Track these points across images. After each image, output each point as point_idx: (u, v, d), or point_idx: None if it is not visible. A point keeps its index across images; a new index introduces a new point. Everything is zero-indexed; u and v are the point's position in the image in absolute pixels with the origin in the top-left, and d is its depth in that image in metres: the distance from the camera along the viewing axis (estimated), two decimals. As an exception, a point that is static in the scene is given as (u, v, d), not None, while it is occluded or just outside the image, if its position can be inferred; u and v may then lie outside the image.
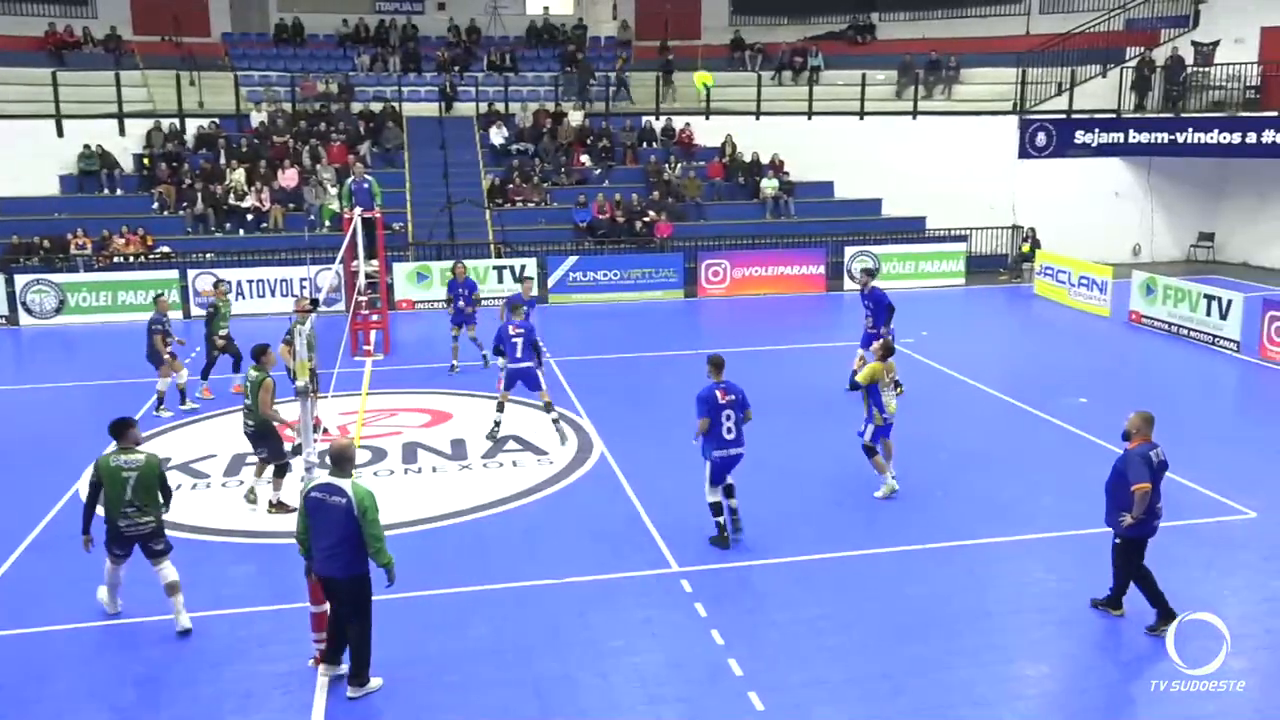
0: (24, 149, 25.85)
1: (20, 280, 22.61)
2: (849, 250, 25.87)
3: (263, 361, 11.80)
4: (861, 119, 29.37)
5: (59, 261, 23.67)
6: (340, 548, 7.82)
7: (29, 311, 22.53)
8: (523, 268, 23.75)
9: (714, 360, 10.75)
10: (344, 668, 8.17)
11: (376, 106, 29.24)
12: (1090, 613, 9.26)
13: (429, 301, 23.92)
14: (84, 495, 9.24)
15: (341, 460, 7.99)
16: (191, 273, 23.37)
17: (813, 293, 25.32)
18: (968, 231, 27.16)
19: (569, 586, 9.90)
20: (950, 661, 8.53)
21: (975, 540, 10.87)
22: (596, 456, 13.52)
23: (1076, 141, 28.69)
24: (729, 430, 10.44)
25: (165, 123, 27.40)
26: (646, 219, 26.41)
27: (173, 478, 12.83)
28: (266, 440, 11.80)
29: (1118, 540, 8.97)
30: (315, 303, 13.25)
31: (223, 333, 16.48)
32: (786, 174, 28.47)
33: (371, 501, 7.84)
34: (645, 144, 29.53)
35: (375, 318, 19.39)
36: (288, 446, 11.94)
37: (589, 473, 13.01)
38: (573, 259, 24.91)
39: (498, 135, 28.74)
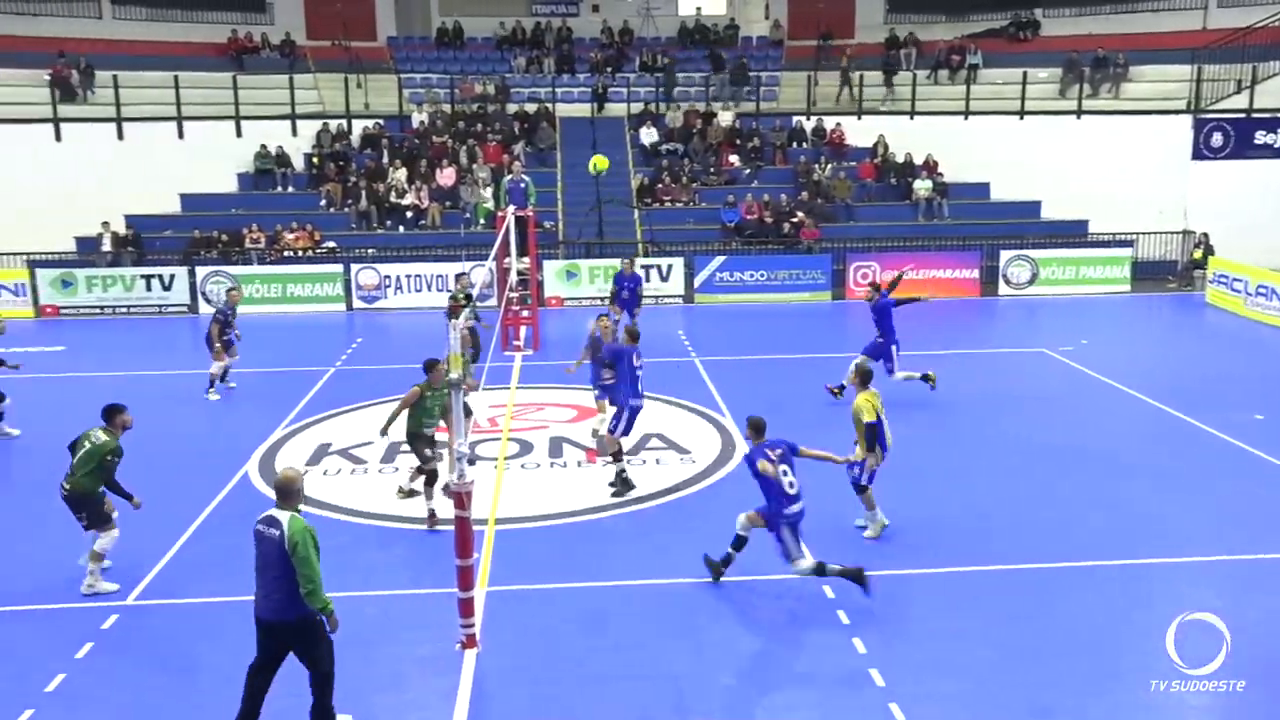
0: (207, 149, 27.55)
1: (200, 272, 24.13)
2: (1005, 254, 25.12)
3: (430, 377, 11.30)
4: (1021, 119, 28.45)
5: (235, 254, 25.12)
6: (272, 586, 7.10)
7: (208, 301, 23.96)
8: (669, 268, 23.84)
9: (754, 423, 9.82)
10: None
11: (531, 107, 29.93)
12: (1257, 642, 8.72)
13: (577, 299, 24.35)
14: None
15: (286, 491, 7.22)
16: (354, 267, 24.46)
17: (966, 297, 24.67)
18: (1134, 236, 26.01)
19: (708, 586, 9.93)
20: (1100, 685, 8.20)
21: (1131, 560, 10.41)
22: (739, 456, 13.51)
23: (1257, 142, 26.97)
24: (790, 485, 9.60)
25: (333, 123, 28.72)
26: (794, 220, 26.21)
27: (332, 463, 13.52)
28: (413, 444, 11.56)
29: None
30: (469, 298, 13.64)
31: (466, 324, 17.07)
32: (941, 175, 27.81)
33: (305, 538, 6.99)
34: (795, 144, 29.31)
35: (525, 314, 19.87)
36: (433, 500, 11.47)
37: (732, 472, 13.02)
38: (720, 259, 24.96)
39: (648, 135, 29.00)
